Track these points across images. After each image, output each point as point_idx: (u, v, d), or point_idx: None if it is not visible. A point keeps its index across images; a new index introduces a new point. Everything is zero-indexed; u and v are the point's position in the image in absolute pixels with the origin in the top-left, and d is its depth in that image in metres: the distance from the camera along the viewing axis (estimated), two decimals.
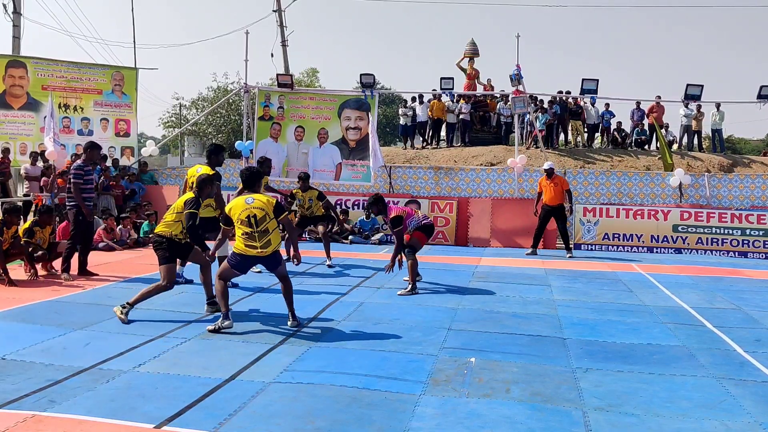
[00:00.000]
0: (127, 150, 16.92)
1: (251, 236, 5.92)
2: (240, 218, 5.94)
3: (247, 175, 6.42)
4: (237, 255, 6.03)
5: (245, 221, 5.92)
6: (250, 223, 5.91)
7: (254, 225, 5.92)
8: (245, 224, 5.93)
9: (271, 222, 5.97)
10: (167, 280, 6.37)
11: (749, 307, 7.60)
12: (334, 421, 3.88)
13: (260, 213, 5.94)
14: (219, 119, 34.20)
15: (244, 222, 5.93)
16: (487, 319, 6.69)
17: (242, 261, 6.05)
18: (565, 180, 12.21)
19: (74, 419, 3.81)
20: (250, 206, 5.95)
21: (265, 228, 5.94)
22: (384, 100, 41.56)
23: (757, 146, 42.87)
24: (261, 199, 6.05)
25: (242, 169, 6.57)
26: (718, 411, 4.20)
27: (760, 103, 14.78)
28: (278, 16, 26.17)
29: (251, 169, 6.49)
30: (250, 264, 6.19)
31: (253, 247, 5.94)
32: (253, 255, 5.98)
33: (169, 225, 6.39)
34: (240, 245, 5.97)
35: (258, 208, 5.95)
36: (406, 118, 19.34)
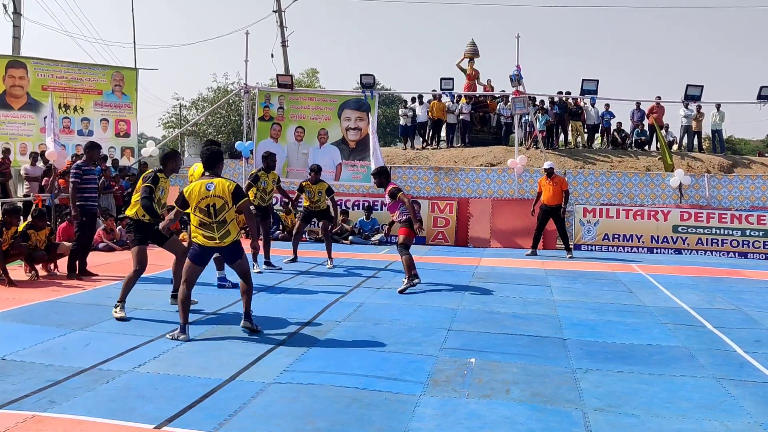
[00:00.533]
0: (127, 150, 16.92)
1: (209, 227, 5.57)
2: (199, 206, 5.56)
3: (208, 155, 5.83)
4: (196, 246, 5.68)
5: (204, 210, 5.56)
6: (209, 212, 5.55)
7: (213, 215, 5.55)
8: (203, 213, 5.56)
9: (229, 211, 5.60)
10: (138, 263, 6.32)
11: (749, 308, 7.60)
12: (334, 421, 3.88)
13: (219, 202, 5.55)
14: (219, 120, 34.22)
15: (202, 210, 5.56)
16: (487, 319, 6.69)
17: (201, 253, 5.71)
18: (564, 180, 12.21)
19: (74, 419, 3.81)
20: (210, 193, 5.54)
21: (224, 218, 5.58)
22: (384, 101, 41.57)
23: (757, 146, 42.89)
24: (221, 185, 5.59)
25: (203, 148, 6.10)
26: (718, 411, 4.20)
27: (760, 103, 14.78)
28: (278, 17, 26.19)
29: (211, 148, 5.92)
30: (209, 255, 5.81)
31: (211, 239, 5.61)
32: (211, 246, 5.66)
33: (135, 206, 6.29)
34: (198, 236, 5.62)
35: (217, 197, 5.54)
36: (406, 118, 19.35)
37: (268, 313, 6.73)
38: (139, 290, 7.77)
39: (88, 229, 8.84)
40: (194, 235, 5.69)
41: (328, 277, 9.17)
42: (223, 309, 6.86)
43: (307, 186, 10.18)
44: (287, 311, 6.83)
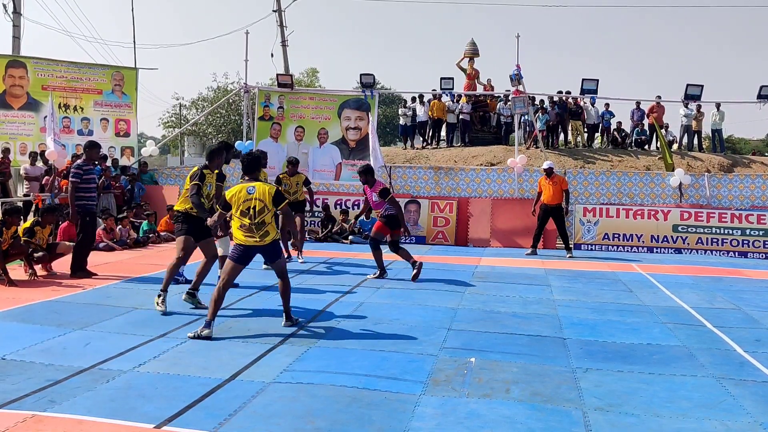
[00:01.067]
0: (127, 150, 16.91)
1: (249, 228, 5.89)
2: (240, 209, 5.88)
3: (248, 161, 6.24)
4: (238, 246, 5.99)
5: (245, 212, 5.88)
6: (249, 215, 5.87)
7: (253, 217, 5.87)
8: (244, 215, 5.88)
9: (268, 214, 5.91)
10: (183, 251, 6.72)
11: (749, 307, 7.60)
12: (334, 421, 3.88)
13: (260, 204, 5.88)
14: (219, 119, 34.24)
15: (243, 213, 5.88)
16: (487, 319, 6.69)
17: (243, 252, 6.00)
18: (564, 180, 12.20)
19: (74, 419, 3.81)
20: (251, 197, 5.89)
21: (263, 220, 5.89)
22: (384, 100, 41.56)
23: (756, 146, 42.91)
24: (261, 189, 5.95)
25: (243, 153, 6.52)
26: (718, 411, 4.20)
27: (760, 103, 14.79)
28: (278, 16, 26.17)
29: (251, 155, 6.36)
30: (251, 255, 6.09)
31: (253, 237, 5.91)
32: (251, 245, 5.93)
33: (185, 201, 6.78)
34: (240, 236, 5.95)
35: (258, 200, 5.88)
36: (406, 118, 19.34)
37: (268, 312, 6.73)
38: (139, 290, 7.78)
39: (89, 228, 8.84)
40: (236, 235, 5.99)
41: (328, 276, 9.17)
42: (223, 309, 6.85)
43: (284, 178, 10.27)
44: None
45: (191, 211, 6.69)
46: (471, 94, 19.31)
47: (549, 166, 12.07)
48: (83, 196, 8.65)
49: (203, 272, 6.82)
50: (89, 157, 8.83)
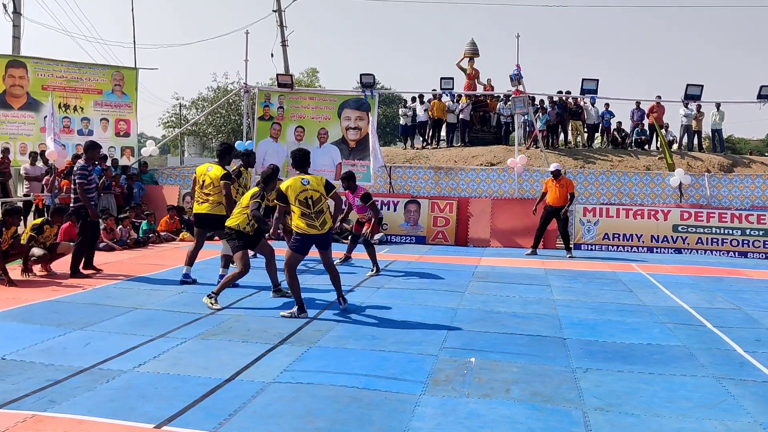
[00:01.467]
0: (127, 150, 16.91)
1: (310, 216, 6.40)
2: (298, 199, 6.37)
3: (299, 156, 6.75)
4: (299, 236, 6.43)
5: (303, 202, 6.37)
6: (307, 204, 6.37)
7: (311, 206, 6.39)
8: (303, 205, 6.37)
9: (324, 202, 6.46)
10: (243, 266, 7.00)
11: (749, 307, 7.60)
12: (334, 421, 3.88)
13: (316, 194, 6.42)
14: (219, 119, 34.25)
15: (302, 203, 6.37)
16: (487, 319, 6.69)
17: (304, 242, 6.46)
18: (571, 183, 12.16)
19: (74, 419, 3.81)
20: (306, 187, 6.40)
21: (321, 208, 6.43)
22: (384, 100, 41.56)
23: (756, 146, 42.92)
24: (314, 180, 6.51)
25: (293, 150, 7.05)
26: (718, 411, 4.20)
27: (760, 103, 14.79)
28: (278, 16, 26.17)
29: (302, 151, 6.84)
30: (310, 245, 6.55)
31: (313, 227, 6.42)
32: (314, 234, 6.44)
33: (236, 218, 7.09)
34: (302, 225, 6.40)
35: (314, 190, 6.42)
36: (406, 118, 19.34)
37: (268, 312, 6.74)
38: (139, 290, 7.79)
39: (92, 227, 8.92)
40: (298, 225, 6.46)
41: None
42: (223, 309, 6.86)
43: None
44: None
45: (243, 229, 7.09)
46: (471, 94, 19.31)
47: (556, 169, 12.04)
48: (90, 196, 8.75)
49: (271, 269, 7.45)
50: (90, 157, 8.87)
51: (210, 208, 8.09)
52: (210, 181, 8.07)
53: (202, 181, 8.12)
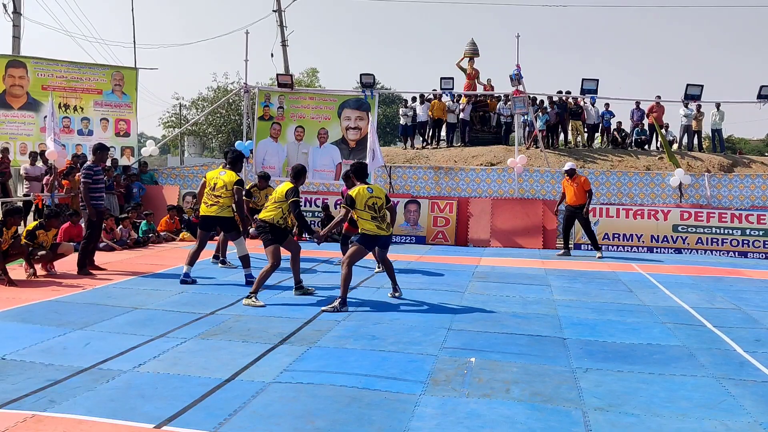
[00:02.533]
0: (127, 150, 16.90)
1: (377, 219, 7.12)
2: (366, 204, 7.10)
3: (360, 168, 7.49)
4: (369, 236, 7.13)
5: (371, 207, 7.11)
6: (374, 209, 7.12)
7: (377, 210, 7.13)
8: (371, 209, 7.11)
9: (385, 209, 7.23)
10: (275, 260, 7.25)
11: (749, 307, 7.60)
12: (334, 421, 3.88)
13: (379, 201, 7.19)
14: (219, 119, 34.25)
15: (369, 207, 7.11)
16: (487, 319, 6.69)
17: (372, 241, 7.19)
18: (587, 180, 12.07)
19: (74, 419, 3.81)
20: (371, 195, 7.16)
21: (383, 213, 7.19)
22: (384, 100, 41.56)
23: (756, 146, 42.91)
24: (377, 189, 7.32)
25: (353, 162, 7.79)
26: (718, 411, 4.20)
27: (760, 103, 14.79)
28: (278, 16, 26.18)
29: (362, 163, 7.60)
30: (375, 244, 7.32)
31: (382, 229, 7.14)
32: (382, 235, 7.17)
33: (270, 212, 7.35)
34: (372, 227, 7.11)
35: (377, 197, 7.18)
36: (406, 118, 19.34)
37: (269, 312, 6.74)
38: (139, 290, 7.79)
39: (97, 227, 9.21)
40: (368, 227, 7.14)
41: (327, 276, 9.16)
42: (223, 309, 6.86)
43: (255, 191, 10.39)
44: (287, 311, 6.83)
45: (277, 224, 7.34)
46: (471, 94, 19.31)
47: (571, 167, 12.02)
48: (92, 196, 8.96)
49: (296, 267, 7.72)
50: (99, 159, 9.18)
51: (219, 210, 8.24)
52: (223, 184, 8.24)
53: (214, 184, 8.28)
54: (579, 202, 11.79)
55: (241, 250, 8.37)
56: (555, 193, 14.94)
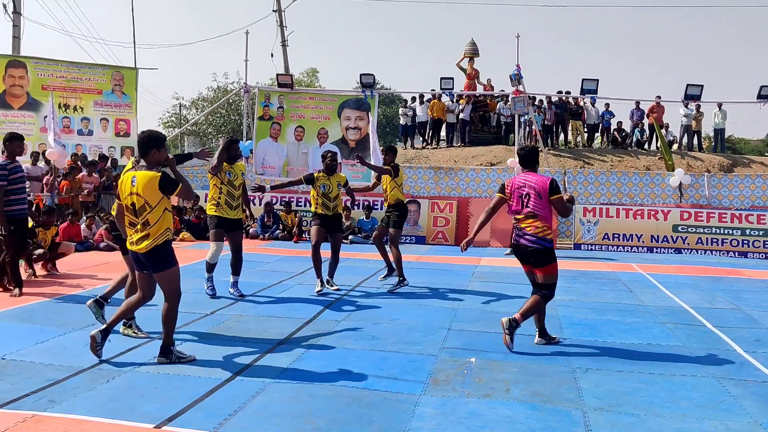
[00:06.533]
0: (127, 150, 16.91)
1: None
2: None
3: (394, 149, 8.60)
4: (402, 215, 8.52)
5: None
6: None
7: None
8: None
9: None
10: (314, 240, 7.92)
11: (749, 307, 7.60)
12: (334, 421, 3.88)
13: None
14: (219, 119, 34.25)
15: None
16: (487, 319, 6.68)
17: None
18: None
19: (74, 419, 3.81)
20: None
21: None
22: (384, 100, 41.53)
23: (756, 146, 42.88)
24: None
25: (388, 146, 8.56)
26: (718, 411, 4.20)
27: (760, 103, 14.79)
28: (278, 16, 26.18)
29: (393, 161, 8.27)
30: None
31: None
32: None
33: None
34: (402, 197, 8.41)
35: None
36: (406, 118, 19.35)
37: (269, 312, 6.74)
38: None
39: (20, 236, 7.33)
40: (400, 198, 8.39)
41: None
42: (223, 309, 6.86)
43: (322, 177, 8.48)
44: (287, 311, 6.83)
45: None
46: (471, 94, 19.31)
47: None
48: (10, 200, 7.16)
49: (318, 262, 7.88)
50: (10, 152, 7.29)
51: (239, 212, 7.61)
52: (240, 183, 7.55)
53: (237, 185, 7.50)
54: None
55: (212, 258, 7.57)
56: None
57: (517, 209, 5.64)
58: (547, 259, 5.53)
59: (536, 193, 5.50)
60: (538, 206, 5.49)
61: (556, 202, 5.50)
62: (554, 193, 5.48)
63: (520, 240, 5.60)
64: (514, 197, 5.68)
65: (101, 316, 5.72)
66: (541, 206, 5.48)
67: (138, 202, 4.77)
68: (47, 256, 8.81)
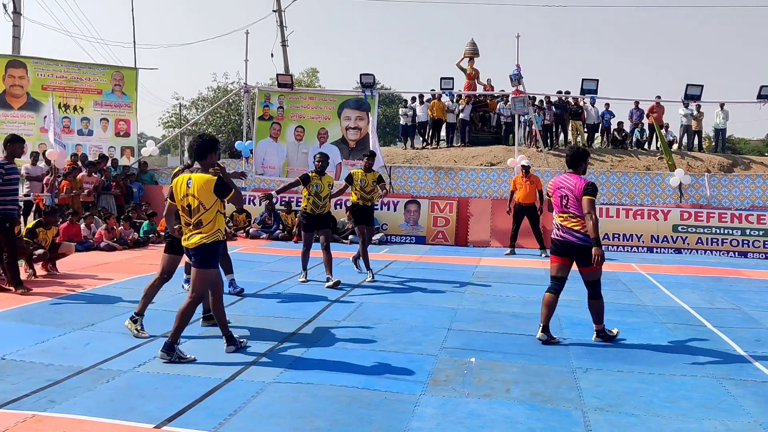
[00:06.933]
0: (127, 150, 16.92)
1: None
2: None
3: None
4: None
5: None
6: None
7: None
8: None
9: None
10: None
11: (749, 307, 7.60)
12: (334, 421, 3.88)
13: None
14: (219, 119, 34.22)
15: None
16: (487, 319, 6.69)
17: None
18: (539, 180, 12.30)
19: (74, 419, 3.81)
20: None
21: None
22: (384, 100, 41.51)
23: (756, 146, 42.87)
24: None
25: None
26: (718, 411, 4.20)
27: (760, 103, 14.79)
28: (278, 16, 26.18)
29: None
30: None
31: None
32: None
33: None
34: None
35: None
36: (406, 118, 19.34)
37: (269, 312, 6.74)
38: (140, 290, 7.76)
39: (10, 236, 7.47)
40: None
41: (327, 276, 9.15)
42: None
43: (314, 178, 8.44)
44: (287, 311, 6.83)
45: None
46: (471, 94, 19.30)
47: (528, 164, 12.11)
48: (4, 199, 7.36)
49: (306, 259, 8.49)
50: (10, 153, 7.51)
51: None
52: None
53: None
54: (530, 201, 11.91)
55: None
56: None
57: (558, 208, 5.93)
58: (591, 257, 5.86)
59: (573, 196, 5.78)
60: (576, 208, 5.77)
61: (585, 203, 5.75)
62: (586, 194, 5.74)
63: (567, 237, 5.86)
64: (554, 197, 5.96)
65: (142, 329, 5.73)
66: (579, 207, 5.75)
67: (193, 203, 5.03)
68: (47, 256, 8.81)
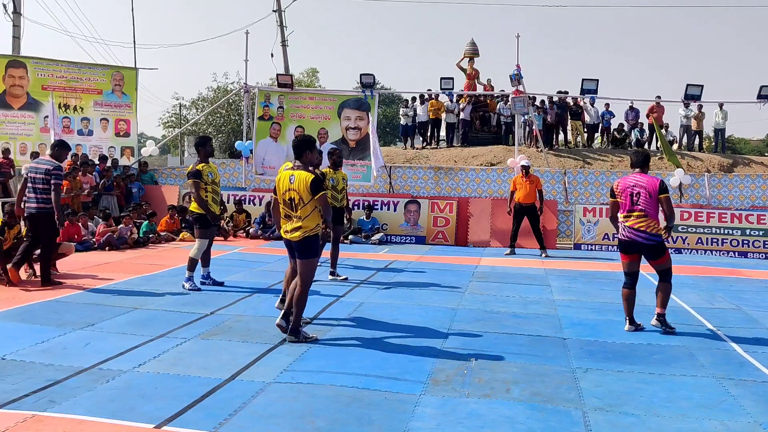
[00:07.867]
0: (127, 150, 16.92)
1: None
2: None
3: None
4: None
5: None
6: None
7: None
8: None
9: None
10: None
11: (749, 307, 7.60)
12: (334, 421, 3.88)
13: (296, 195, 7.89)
14: (219, 119, 34.24)
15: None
16: (487, 319, 6.69)
17: None
18: (539, 180, 12.32)
19: (74, 419, 3.81)
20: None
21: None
22: (384, 100, 41.54)
23: (757, 146, 42.90)
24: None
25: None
26: (718, 411, 4.20)
27: (760, 103, 14.79)
28: (278, 16, 26.16)
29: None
30: None
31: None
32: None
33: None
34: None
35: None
36: (406, 118, 19.33)
37: (269, 312, 6.73)
38: (139, 290, 7.79)
39: (50, 232, 8.13)
40: None
41: (327, 276, 9.15)
42: (223, 309, 6.86)
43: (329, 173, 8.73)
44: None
45: None
46: (471, 94, 19.30)
47: (528, 164, 12.12)
48: (46, 198, 7.95)
49: (334, 254, 8.73)
50: (56, 157, 8.15)
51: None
52: None
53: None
54: (530, 201, 11.92)
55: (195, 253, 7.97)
56: (555, 193, 14.96)
57: (627, 207, 6.07)
58: (661, 251, 6.32)
59: (647, 192, 5.96)
60: (648, 204, 5.95)
61: (663, 201, 6.05)
62: (663, 192, 5.97)
63: (634, 238, 6.17)
64: (624, 196, 6.11)
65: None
66: (651, 204, 5.96)
67: (295, 198, 5.54)
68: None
